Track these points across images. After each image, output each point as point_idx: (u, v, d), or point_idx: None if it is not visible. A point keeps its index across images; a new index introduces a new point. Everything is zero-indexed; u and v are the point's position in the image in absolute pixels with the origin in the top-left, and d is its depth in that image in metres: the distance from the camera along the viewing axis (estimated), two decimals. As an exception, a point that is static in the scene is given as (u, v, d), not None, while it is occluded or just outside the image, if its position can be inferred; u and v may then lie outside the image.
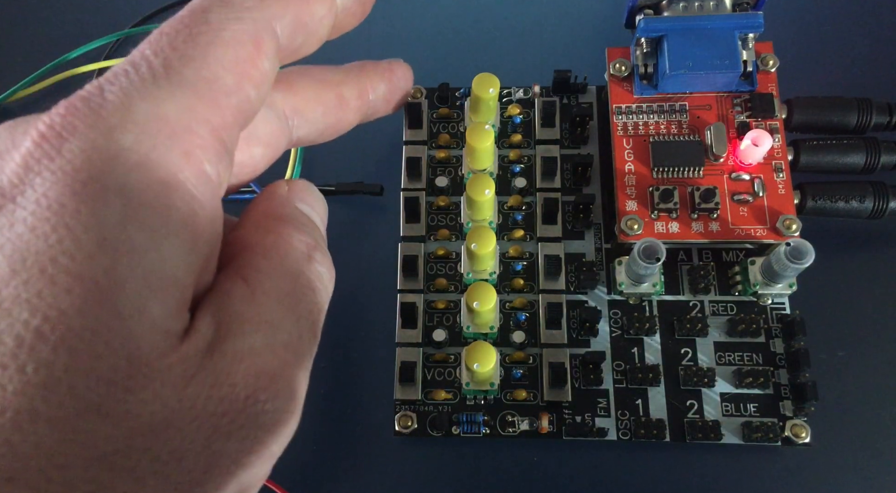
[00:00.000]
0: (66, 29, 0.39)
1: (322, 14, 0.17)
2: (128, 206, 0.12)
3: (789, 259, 0.26)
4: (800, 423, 0.28)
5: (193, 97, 0.13)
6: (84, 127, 0.12)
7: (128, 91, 0.13)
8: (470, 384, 0.28)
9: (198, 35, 0.14)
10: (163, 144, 0.13)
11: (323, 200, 0.19)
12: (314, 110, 0.20)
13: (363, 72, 0.21)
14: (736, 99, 0.30)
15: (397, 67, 0.23)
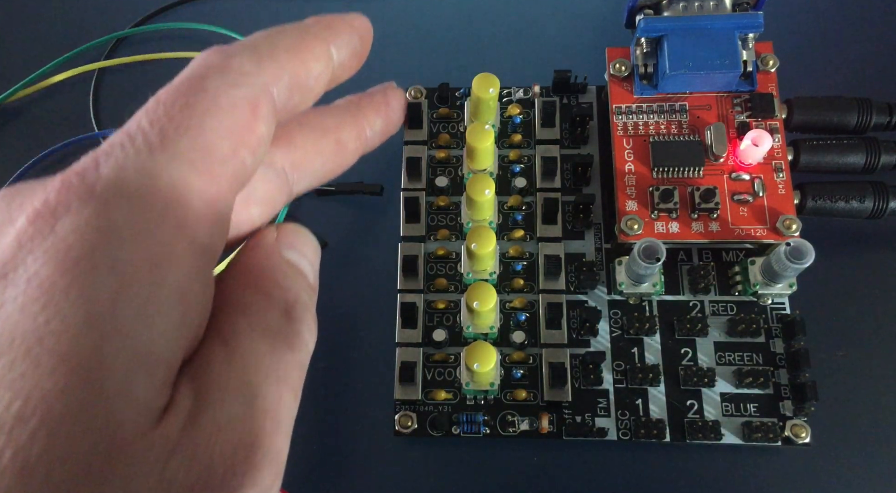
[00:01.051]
0: (66, 29, 0.39)
1: (319, 71, 0.17)
2: (119, 283, 0.12)
3: (789, 259, 0.26)
4: (800, 423, 0.28)
5: (188, 168, 0.13)
6: (78, 204, 0.12)
7: (123, 165, 0.13)
8: (470, 384, 0.28)
9: (194, 104, 0.14)
10: (156, 219, 0.13)
11: (314, 243, 0.18)
12: (313, 162, 0.19)
13: (360, 110, 0.21)
14: (736, 99, 0.30)
15: (392, 98, 0.22)
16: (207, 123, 0.14)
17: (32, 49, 0.39)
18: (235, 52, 0.15)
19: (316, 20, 0.17)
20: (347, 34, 0.18)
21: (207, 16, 0.38)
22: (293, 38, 0.17)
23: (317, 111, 0.20)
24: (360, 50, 0.18)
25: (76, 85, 0.38)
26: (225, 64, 0.15)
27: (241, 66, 0.15)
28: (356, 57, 0.18)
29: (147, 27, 0.38)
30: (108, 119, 0.37)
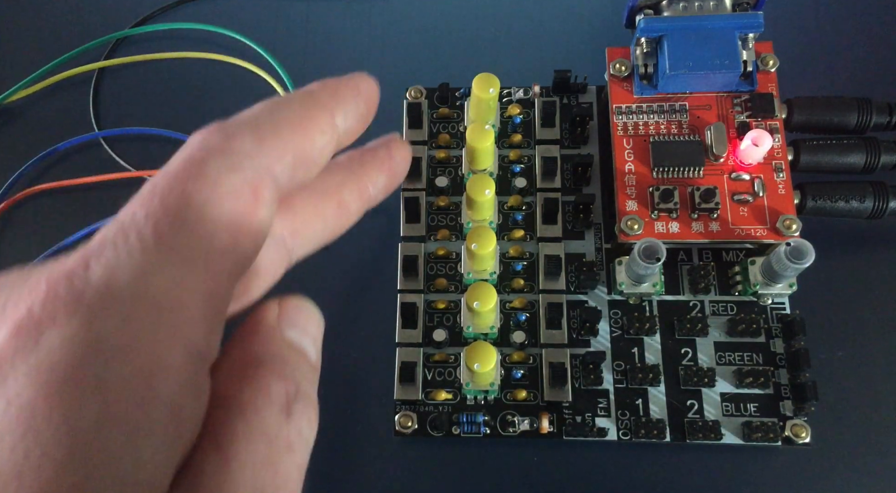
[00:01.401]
0: (66, 29, 0.39)
1: (324, 144, 0.16)
2: (105, 404, 0.11)
3: (789, 259, 0.26)
4: (800, 423, 0.28)
5: (184, 267, 0.12)
6: (64, 316, 0.11)
7: (114, 268, 0.12)
8: (470, 384, 0.28)
9: (192, 193, 0.13)
10: (148, 328, 0.12)
11: (317, 316, 0.17)
12: (314, 226, 0.19)
13: (362, 167, 0.20)
14: (736, 99, 0.30)
15: (396, 151, 0.21)
16: (206, 213, 0.13)
17: (32, 49, 0.39)
18: (236, 131, 0.14)
19: (321, 86, 0.17)
20: (353, 100, 0.17)
21: (207, 16, 0.38)
22: (297, 110, 0.16)
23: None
24: (366, 114, 0.18)
25: (76, 85, 0.38)
26: (225, 145, 0.14)
27: (241, 147, 0.14)
28: (362, 121, 0.18)
29: (147, 27, 0.38)
30: (108, 119, 0.37)
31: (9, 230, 0.35)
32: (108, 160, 0.36)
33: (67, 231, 0.34)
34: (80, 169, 0.36)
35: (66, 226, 0.34)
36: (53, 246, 0.34)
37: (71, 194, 0.35)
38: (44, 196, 0.35)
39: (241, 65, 0.37)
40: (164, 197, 0.13)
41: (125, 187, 0.35)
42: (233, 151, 0.14)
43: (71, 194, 0.35)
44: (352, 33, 0.38)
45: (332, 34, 0.38)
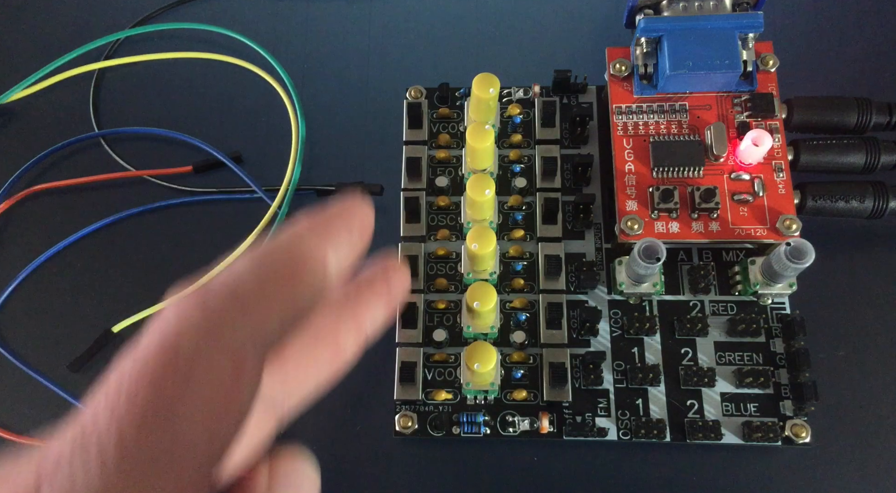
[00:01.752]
0: (66, 29, 0.39)
1: (314, 292, 0.14)
2: None
3: (789, 259, 0.26)
4: (800, 423, 0.28)
5: (151, 478, 0.11)
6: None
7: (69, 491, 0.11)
8: (470, 384, 0.28)
9: (162, 387, 0.11)
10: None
11: (312, 476, 0.16)
12: (307, 377, 0.17)
13: (359, 302, 0.18)
14: (736, 99, 0.30)
15: (395, 280, 0.19)
16: (178, 410, 0.11)
17: (32, 49, 0.39)
18: (216, 302, 0.13)
19: (310, 226, 0.15)
20: (347, 236, 0.15)
21: (207, 16, 0.38)
22: (283, 263, 0.14)
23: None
24: (360, 246, 0.16)
25: (76, 85, 0.38)
26: (202, 322, 0.12)
27: (222, 320, 0.12)
28: (356, 255, 0.16)
29: (147, 27, 0.38)
30: (108, 119, 0.37)
31: (9, 230, 0.35)
32: (108, 160, 0.36)
33: (67, 231, 0.34)
34: (80, 169, 0.36)
35: (65, 226, 0.34)
36: (54, 246, 0.34)
37: (71, 194, 0.35)
38: (44, 196, 0.35)
39: (241, 65, 0.37)
40: (131, 396, 0.11)
41: (125, 187, 0.35)
42: (211, 326, 0.12)
43: (71, 194, 0.35)
44: (352, 33, 0.38)
45: (332, 34, 0.38)
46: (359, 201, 0.16)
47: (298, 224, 0.15)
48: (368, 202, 0.16)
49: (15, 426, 0.31)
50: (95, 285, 0.34)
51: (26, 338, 0.33)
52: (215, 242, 0.34)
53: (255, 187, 0.34)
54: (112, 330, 0.32)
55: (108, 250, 0.34)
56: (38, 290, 0.34)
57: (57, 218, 0.35)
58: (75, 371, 0.32)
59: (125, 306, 0.33)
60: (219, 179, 0.35)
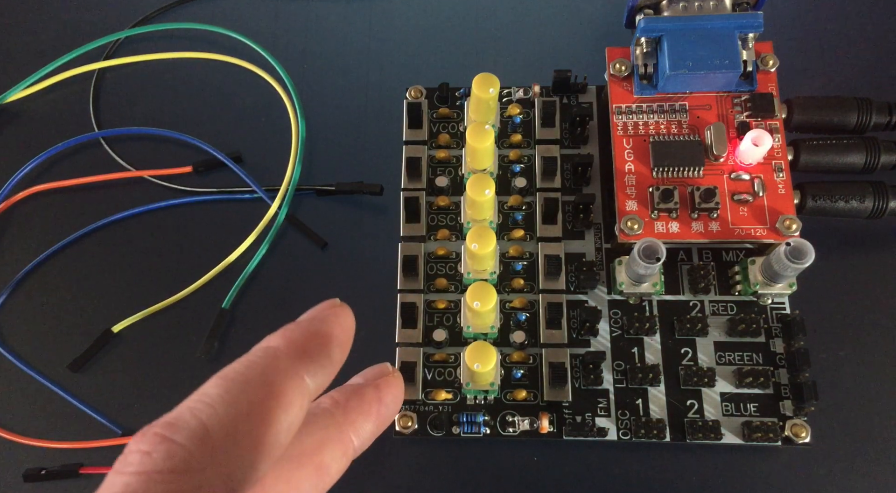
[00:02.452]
0: (66, 29, 0.39)
1: (291, 420, 0.14)
2: None
3: (789, 259, 0.26)
4: (800, 423, 0.28)
5: None
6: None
7: None
8: (470, 384, 0.28)
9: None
10: None
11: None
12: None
13: (346, 416, 0.17)
14: (736, 99, 0.30)
15: (387, 391, 0.18)
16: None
17: (32, 49, 0.39)
18: (181, 447, 0.12)
19: (286, 345, 0.14)
20: (325, 354, 0.15)
21: (207, 16, 0.38)
22: (256, 391, 0.13)
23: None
24: (340, 359, 0.15)
25: (76, 85, 0.38)
26: (169, 468, 0.12)
27: (189, 465, 0.12)
28: (336, 367, 0.15)
29: (147, 27, 0.38)
30: (108, 119, 0.37)
31: (9, 230, 0.35)
32: (108, 160, 0.36)
33: (67, 231, 0.34)
34: (80, 169, 0.36)
35: (65, 226, 0.34)
36: (54, 246, 0.34)
37: (71, 194, 0.35)
38: (44, 196, 0.35)
39: (241, 65, 0.37)
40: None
41: (125, 187, 0.35)
42: (179, 473, 0.12)
43: (71, 194, 0.35)
44: (352, 33, 0.38)
45: (332, 34, 0.38)
46: (337, 312, 0.15)
47: (274, 342, 0.14)
48: (347, 310, 0.16)
49: (15, 427, 0.31)
50: (95, 285, 0.34)
51: (26, 338, 0.33)
52: (215, 242, 0.34)
53: (256, 187, 0.34)
54: (112, 330, 0.32)
55: (108, 249, 0.34)
56: (38, 290, 0.34)
57: (57, 218, 0.35)
58: (75, 371, 0.32)
59: (125, 305, 0.33)
60: (219, 179, 0.35)
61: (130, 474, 0.11)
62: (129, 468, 0.11)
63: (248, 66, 0.37)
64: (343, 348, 0.15)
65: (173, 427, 0.12)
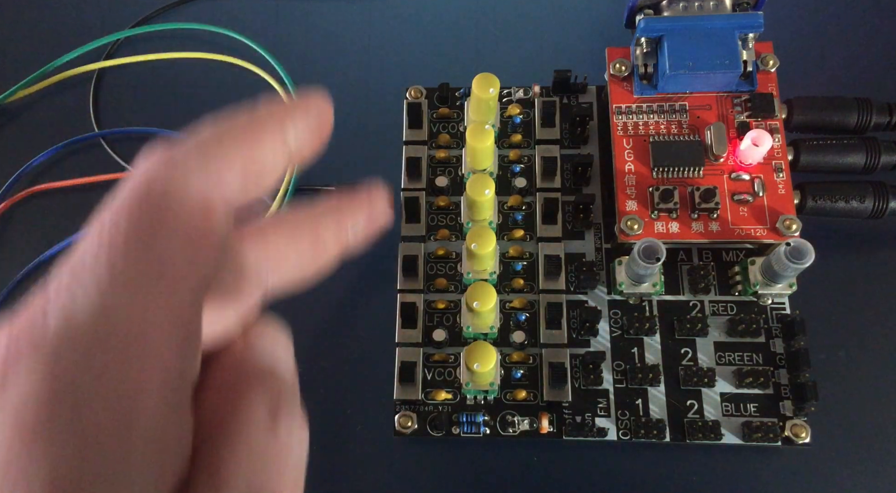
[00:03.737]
0: (66, 29, 0.39)
1: (274, 154, 0.16)
2: (82, 442, 0.11)
3: (789, 259, 0.26)
4: (800, 423, 0.28)
5: (144, 297, 0.12)
6: (29, 363, 0.11)
7: (71, 310, 0.12)
8: (470, 384, 0.28)
9: (140, 225, 0.13)
10: (117, 360, 0.12)
11: (285, 342, 0.17)
12: (288, 257, 0.18)
13: (339, 208, 0.19)
14: (736, 99, 0.30)
15: (376, 198, 0.20)
16: (159, 239, 0.13)
17: (32, 49, 0.39)
18: (180, 154, 0.14)
19: (268, 110, 0.16)
20: (303, 120, 0.17)
21: (207, 16, 0.38)
22: (243, 124, 0.16)
23: (293, 209, 0.19)
24: (318, 130, 0.17)
25: (76, 85, 0.38)
26: (169, 171, 0.14)
27: (186, 169, 0.14)
28: (315, 137, 0.17)
29: (147, 27, 0.38)
30: (108, 119, 0.37)
31: (9, 230, 0.35)
32: (108, 160, 0.36)
33: (67, 231, 0.34)
34: (80, 169, 0.36)
35: (65, 226, 0.34)
36: (54, 246, 0.34)
37: (71, 194, 0.35)
38: (44, 196, 0.35)
39: (241, 65, 0.37)
40: (112, 236, 0.13)
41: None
42: (178, 170, 0.14)
43: (71, 194, 0.35)
44: (352, 33, 0.38)
45: (332, 34, 0.38)
46: (319, 93, 0.17)
47: (259, 108, 0.16)
48: (326, 96, 0.17)
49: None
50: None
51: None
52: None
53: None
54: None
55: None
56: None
57: (57, 218, 0.35)
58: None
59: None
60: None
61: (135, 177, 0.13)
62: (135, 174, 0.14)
63: (248, 66, 0.37)
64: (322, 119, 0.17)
65: (170, 144, 0.14)
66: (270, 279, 0.18)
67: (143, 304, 0.12)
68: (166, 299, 0.13)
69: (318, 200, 0.18)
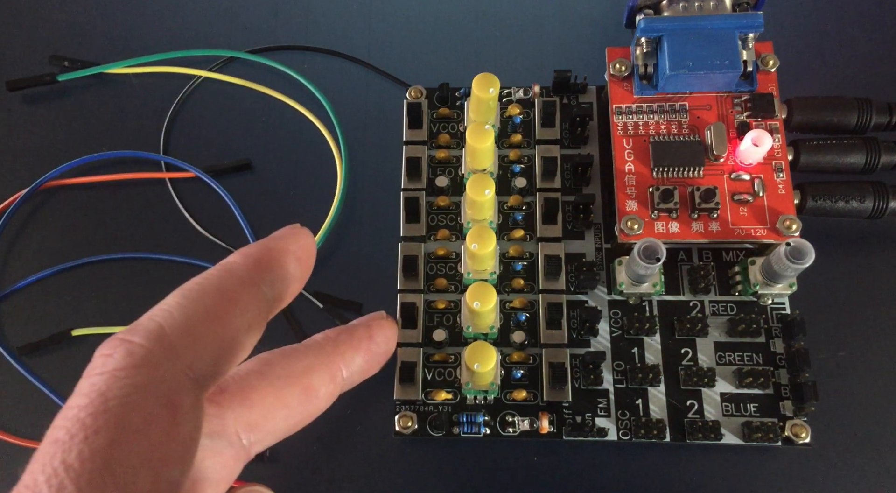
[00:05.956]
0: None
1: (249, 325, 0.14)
2: None
3: (789, 259, 0.26)
4: (800, 423, 0.28)
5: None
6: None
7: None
8: (470, 384, 0.28)
9: (94, 441, 0.11)
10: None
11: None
12: (275, 418, 0.16)
13: (336, 348, 0.18)
14: (736, 99, 0.30)
15: (377, 331, 0.19)
16: (115, 462, 0.11)
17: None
18: (143, 341, 0.13)
19: (242, 259, 0.15)
20: (280, 266, 0.15)
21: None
22: (211, 297, 0.14)
23: (283, 354, 0.17)
24: (299, 274, 0.16)
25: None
26: (128, 364, 0.12)
27: (148, 360, 0.12)
28: (296, 281, 0.16)
29: (250, 56, 0.37)
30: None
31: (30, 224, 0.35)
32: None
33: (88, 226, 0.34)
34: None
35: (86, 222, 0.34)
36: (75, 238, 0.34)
37: (95, 191, 0.35)
38: (64, 192, 0.35)
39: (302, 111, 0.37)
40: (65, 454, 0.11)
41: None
42: (138, 367, 0.12)
43: (95, 191, 0.35)
44: (352, 34, 0.38)
45: (331, 34, 0.38)
46: (296, 231, 0.16)
47: (230, 258, 0.15)
48: (306, 232, 0.16)
49: (20, 431, 0.31)
50: (107, 300, 0.34)
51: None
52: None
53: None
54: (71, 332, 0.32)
55: (131, 275, 0.34)
56: (41, 292, 0.34)
57: (81, 214, 0.35)
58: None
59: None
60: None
61: (96, 375, 0.12)
62: (94, 371, 0.12)
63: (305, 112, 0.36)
64: (301, 263, 0.16)
65: (132, 331, 0.13)
66: (256, 445, 0.16)
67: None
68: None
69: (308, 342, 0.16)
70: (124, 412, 0.11)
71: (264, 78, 0.37)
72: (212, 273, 0.14)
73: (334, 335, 0.18)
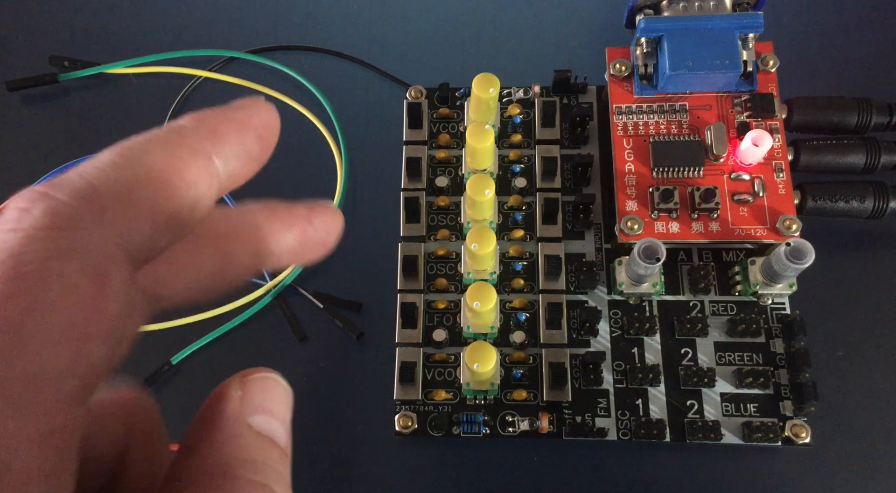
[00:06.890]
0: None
1: (197, 197, 0.12)
2: None
3: (789, 259, 0.26)
4: (800, 423, 0.28)
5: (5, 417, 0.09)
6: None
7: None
8: (470, 384, 0.28)
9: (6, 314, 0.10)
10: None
11: (285, 393, 0.14)
12: (184, 275, 0.14)
13: (269, 219, 0.15)
14: (736, 99, 0.30)
15: (318, 216, 0.16)
16: (28, 335, 0.10)
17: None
18: (63, 203, 0.11)
19: (194, 122, 0.13)
20: (238, 137, 0.13)
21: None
22: (157, 158, 0.12)
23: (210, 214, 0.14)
24: (259, 152, 0.14)
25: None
26: (50, 224, 0.10)
27: (74, 222, 0.10)
28: (254, 161, 0.14)
29: (250, 56, 0.37)
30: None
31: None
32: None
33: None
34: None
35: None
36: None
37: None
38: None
39: (300, 109, 0.36)
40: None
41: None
42: (60, 230, 0.10)
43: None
44: (352, 34, 0.38)
45: (331, 34, 0.38)
46: (260, 102, 0.14)
47: (182, 121, 0.13)
48: (270, 107, 0.14)
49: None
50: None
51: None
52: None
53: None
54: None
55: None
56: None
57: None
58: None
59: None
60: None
61: (7, 231, 0.10)
62: (5, 226, 0.10)
63: (303, 110, 0.36)
64: (262, 141, 0.14)
65: (56, 186, 0.11)
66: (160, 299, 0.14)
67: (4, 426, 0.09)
68: (36, 419, 0.10)
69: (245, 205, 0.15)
70: (42, 279, 0.10)
71: (264, 78, 0.37)
72: (157, 133, 0.12)
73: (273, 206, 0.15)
